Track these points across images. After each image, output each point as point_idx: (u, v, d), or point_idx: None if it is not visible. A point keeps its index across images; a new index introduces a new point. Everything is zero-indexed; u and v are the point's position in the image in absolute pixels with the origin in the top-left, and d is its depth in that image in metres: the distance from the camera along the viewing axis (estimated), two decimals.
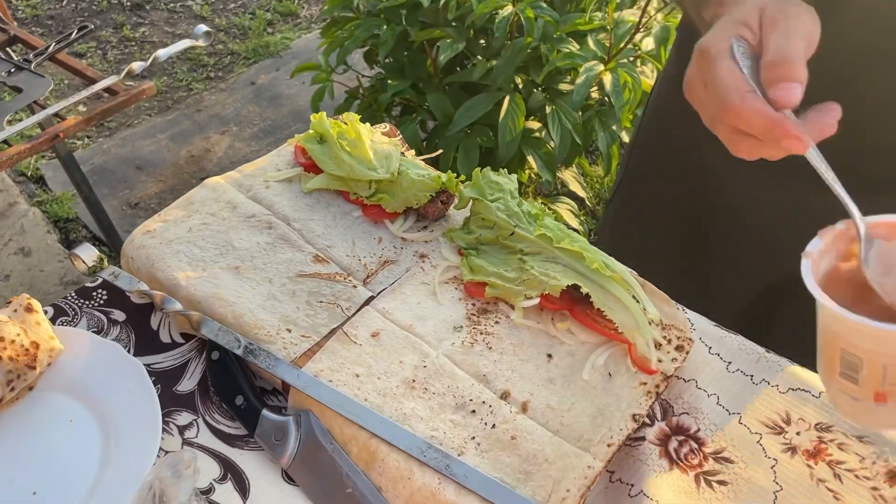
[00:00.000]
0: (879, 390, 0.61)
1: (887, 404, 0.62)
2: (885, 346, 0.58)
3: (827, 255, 0.65)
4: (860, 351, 0.60)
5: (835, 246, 0.65)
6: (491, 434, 0.76)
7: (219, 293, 0.88)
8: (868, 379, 0.61)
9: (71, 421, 0.83)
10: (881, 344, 0.59)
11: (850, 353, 0.61)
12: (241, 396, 0.83)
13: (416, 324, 0.86)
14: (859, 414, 0.66)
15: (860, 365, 0.61)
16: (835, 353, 0.63)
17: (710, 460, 0.81)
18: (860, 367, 0.61)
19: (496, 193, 0.96)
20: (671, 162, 1.11)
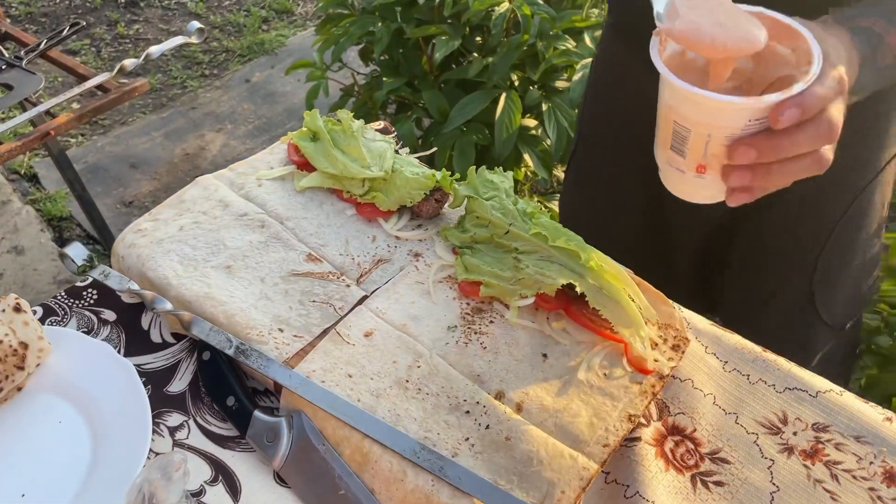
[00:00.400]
0: (701, 161, 0.67)
1: (706, 176, 0.68)
2: (709, 117, 0.64)
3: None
4: (689, 122, 0.65)
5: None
6: (485, 435, 0.75)
7: (210, 293, 0.87)
8: (692, 150, 0.67)
9: (60, 422, 0.82)
10: (706, 114, 0.64)
11: (681, 124, 0.66)
12: (233, 397, 0.82)
13: (410, 323, 0.86)
14: (683, 186, 0.72)
15: (687, 136, 0.66)
16: (668, 125, 0.68)
17: (707, 461, 0.80)
18: (687, 139, 0.66)
19: (491, 192, 0.95)
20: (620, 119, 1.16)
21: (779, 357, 0.89)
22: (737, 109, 0.63)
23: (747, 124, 0.63)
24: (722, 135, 0.65)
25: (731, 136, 0.64)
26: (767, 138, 0.63)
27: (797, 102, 0.61)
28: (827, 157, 0.65)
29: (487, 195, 0.95)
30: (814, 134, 0.63)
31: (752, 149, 0.63)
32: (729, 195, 0.69)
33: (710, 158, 0.67)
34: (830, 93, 0.63)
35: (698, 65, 0.72)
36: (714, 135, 0.65)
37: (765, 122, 0.63)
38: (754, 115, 0.63)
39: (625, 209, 1.23)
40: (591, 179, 1.30)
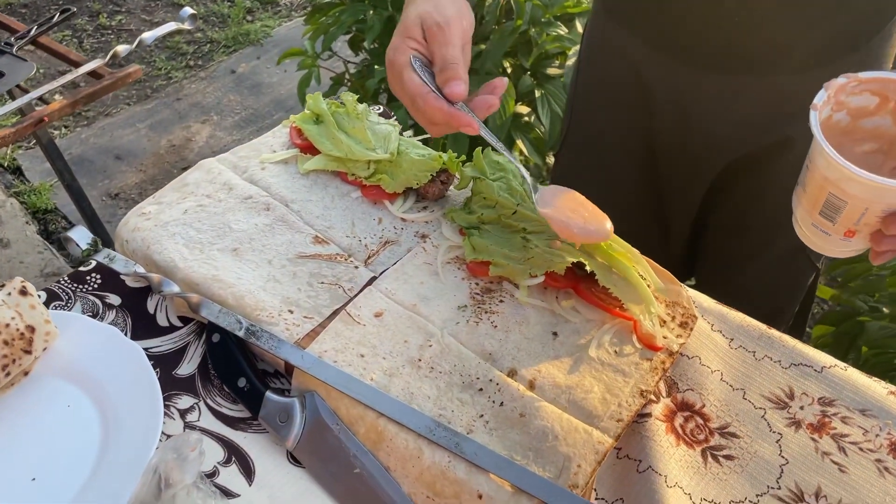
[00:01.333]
0: (851, 228, 0.71)
1: (853, 239, 0.72)
2: (872, 195, 0.67)
3: (827, 106, 0.74)
4: (846, 196, 0.69)
5: (835, 98, 0.74)
6: (499, 412, 0.76)
7: (218, 275, 0.87)
8: (844, 219, 0.71)
9: (69, 406, 0.81)
10: (868, 192, 0.67)
11: (837, 196, 0.69)
12: (244, 379, 0.82)
13: (420, 304, 0.86)
14: (822, 244, 0.76)
15: (842, 207, 0.70)
16: (822, 194, 0.71)
17: (717, 435, 0.81)
18: (841, 209, 0.70)
19: (498, 173, 0.95)
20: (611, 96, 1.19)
21: (784, 335, 0.90)
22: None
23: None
24: (879, 209, 0.68)
25: (887, 209, 0.68)
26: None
27: None
28: None
29: (494, 176, 0.95)
30: None
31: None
32: (875, 257, 0.73)
33: (861, 227, 0.70)
34: None
35: (840, 126, 0.77)
36: (871, 209, 0.68)
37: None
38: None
39: (619, 184, 1.25)
40: (583, 159, 1.32)
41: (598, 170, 1.28)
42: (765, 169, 1.11)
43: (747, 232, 1.20)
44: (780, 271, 1.22)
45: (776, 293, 1.26)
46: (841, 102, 0.75)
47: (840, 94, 0.74)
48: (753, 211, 1.17)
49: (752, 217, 1.18)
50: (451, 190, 1.00)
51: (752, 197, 1.16)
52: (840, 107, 0.76)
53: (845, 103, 0.75)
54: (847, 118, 0.77)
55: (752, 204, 1.16)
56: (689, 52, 1.04)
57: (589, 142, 1.30)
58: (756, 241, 1.20)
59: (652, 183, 1.23)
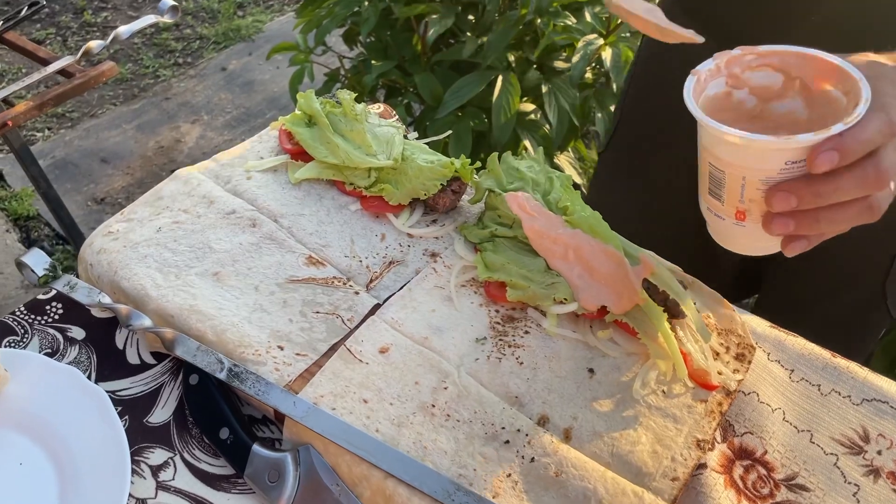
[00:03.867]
0: (739, 207, 0.63)
1: (746, 224, 0.64)
2: (742, 158, 0.60)
3: (717, 78, 0.66)
4: (723, 164, 0.62)
5: (727, 69, 0.66)
6: (530, 470, 0.64)
7: (196, 305, 0.74)
8: (728, 195, 0.63)
9: (21, 464, 0.69)
10: (738, 154, 0.60)
11: (715, 166, 0.63)
12: (227, 429, 0.69)
13: (432, 336, 0.73)
14: (725, 235, 0.68)
15: (723, 179, 0.62)
16: (705, 169, 0.65)
17: (783, 489, 0.69)
18: (723, 182, 0.63)
19: (516, 182, 0.83)
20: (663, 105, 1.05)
21: (851, 363, 0.78)
22: (769, 149, 0.59)
23: (784, 167, 0.59)
24: (757, 178, 0.60)
25: (767, 179, 0.60)
26: (807, 184, 0.58)
27: (835, 145, 0.56)
28: (879, 204, 0.60)
29: (511, 186, 0.83)
30: (859, 181, 0.58)
31: (791, 195, 0.59)
32: (784, 245, 0.63)
33: (748, 204, 0.62)
34: (875, 136, 0.57)
35: (747, 107, 0.68)
36: (749, 178, 0.61)
37: (804, 165, 0.59)
38: (790, 158, 0.59)
39: (666, 197, 1.13)
40: (630, 166, 1.21)
41: (644, 174, 1.17)
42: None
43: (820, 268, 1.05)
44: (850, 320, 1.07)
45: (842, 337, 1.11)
46: (737, 77, 0.67)
47: (733, 66, 0.66)
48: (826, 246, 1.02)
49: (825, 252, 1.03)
50: (464, 201, 0.87)
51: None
52: (738, 82, 0.67)
53: (744, 80, 0.67)
54: (753, 99, 0.68)
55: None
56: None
57: (637, 144, 1.19)
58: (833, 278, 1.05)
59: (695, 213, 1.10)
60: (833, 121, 0.58)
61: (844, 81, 0.62)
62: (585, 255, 0.74)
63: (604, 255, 0.73)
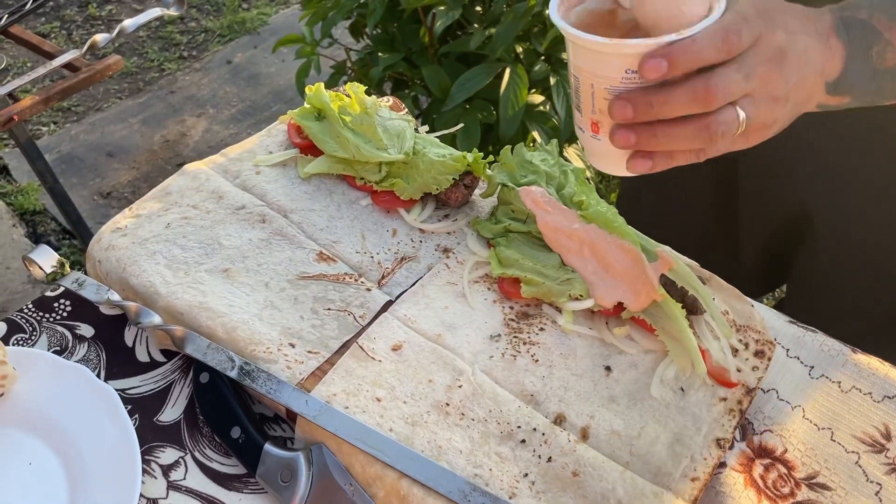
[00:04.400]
0: (592, 118, 0.62)
1: (601, 137, 0.62)
2: (588, 62, 0.59)
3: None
4: (576, 70, 0.60)
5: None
6: (547, 469, 0.62)
7: (206, 302, 0.73)
8: (584, 104, 0.62)
9: (30, 463, 0.68)
10: (585, 59, 0.59)
11: (573, 73, 0.61)
12: (238, 427, 0.69)
13: (446, 333, 0.72)
14: (589, 151, 0.66)
15: (578, 87, 0.61)
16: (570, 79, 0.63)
17: (804, 488, 0.68)
18: (579, 91, 0.61)
19: (530, 176, 0.81)
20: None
21: (871, 358, 0.77)
22: (607, 53, 0.58)
23: (625, 76, 0.58)
24: (603, 86, 0.59)
25: (611, 88, 0.59)
26: (643, 93, 0.58)
27: (664, 53, 0.55)
28: (716, 129, 0.58)
29: (525, 180, 0.81)
30: (689, 95, 0.56)
31: (627, 104, 0.58)
32: (629, 161, 0.62)
33: (599, 115, 0.61)
34: (706, 50, 0.55)
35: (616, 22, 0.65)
36: (596, 85, 0.60)
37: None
38: (630, 66, 0.57)
39: (692, 196, 1.11)
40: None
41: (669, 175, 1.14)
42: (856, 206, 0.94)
43: (841, 281, 1.01)
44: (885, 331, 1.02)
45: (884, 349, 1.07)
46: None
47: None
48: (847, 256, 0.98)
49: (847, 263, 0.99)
50: (476, 195, 0.86)
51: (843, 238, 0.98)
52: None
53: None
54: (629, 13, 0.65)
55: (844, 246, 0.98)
56: None
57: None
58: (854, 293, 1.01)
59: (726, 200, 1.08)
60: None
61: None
62: (601, 250, 0.73)
63: (620, 251, 0.72)
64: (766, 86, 0.58)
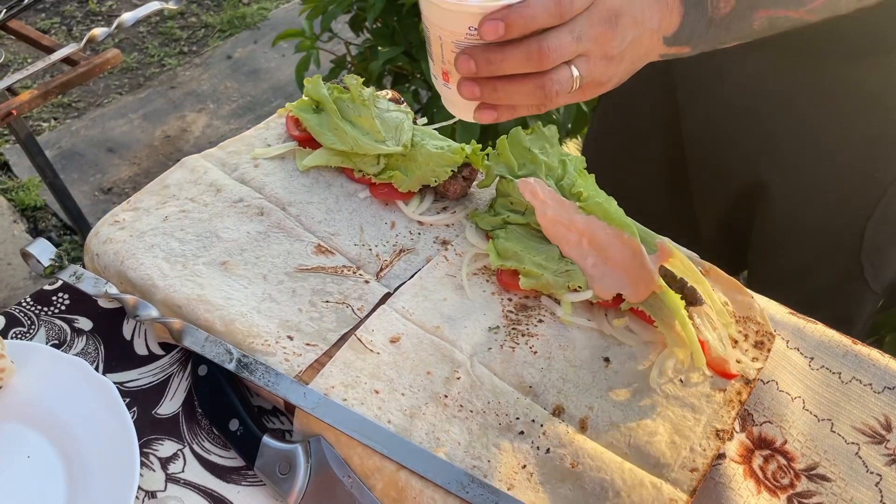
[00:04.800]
0: (443, 68, 0.65)
1: (451, 85, 0.65)
2: (435, 17, 0.62)
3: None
4: (427, 22, 0.63)
5: None
6: (546, 461, 0.62)
7: (204, 295, 0.73)
8: (434, 54, 0.65)
9: (29, 457, 0.68)
10: (431, 12, 0.62)
11: (425, 25, 0.64)
12: (237, 420, 0.68)
13: (444, 325, 0.72)
14: (444, 99, 0.69)
15: (430, 38, 0.64)
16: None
17: (804, 479, 0.68)
18: (431, 42, 0.64)
19: (528, 166, 0.81)
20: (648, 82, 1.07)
21: (872, 350, 0.76)
22: (450, 10, 0.60)
23: (469, 33, 0.61)
24: (450, 40, 0.62)
25: (458, 42, 0.62)
26: (483, 51, 0.61)
27: (502, 16, 0.58)
28: (551, 87, 0.61)
29: (522, 171, 0.81)
30: (524, 55, 0.60)
31: (470, 59, 0.61)
32: (476, 110, 0.66)
33: (448, 66, 0.64)
34: (540, 14, 0.59)
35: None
36: (444, 38, 0.63)
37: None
38: (473, 23, 0.60)
39: (646, 177, 1.15)
40: (613, 133, 1.22)
41: (626, 144, 1.19)
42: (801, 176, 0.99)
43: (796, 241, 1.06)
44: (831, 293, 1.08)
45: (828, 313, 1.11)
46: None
47: None
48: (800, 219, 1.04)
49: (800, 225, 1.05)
50: (474, 187, 0.86)
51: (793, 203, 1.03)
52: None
53: None
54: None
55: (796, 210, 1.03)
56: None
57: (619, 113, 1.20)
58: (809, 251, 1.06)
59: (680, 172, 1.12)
60: None
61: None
62: (600, 242, 0.72)
63: (619, 243, 0.71)
64: (600, 46, 0.61)
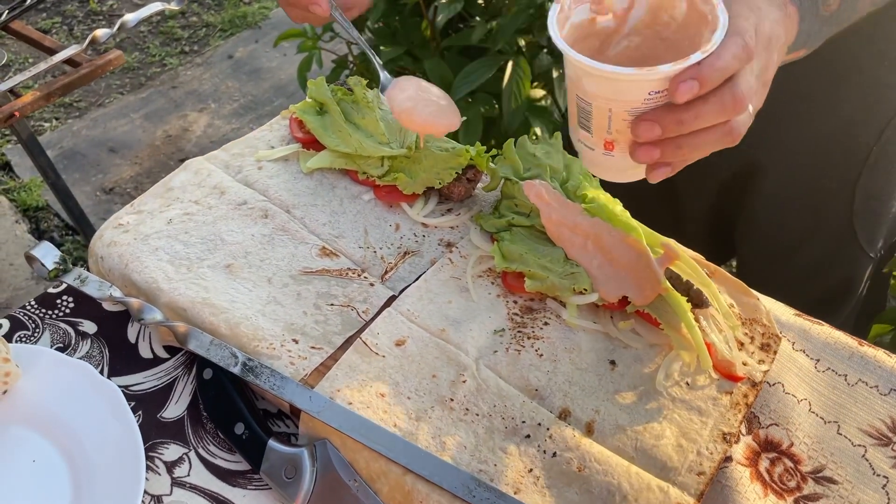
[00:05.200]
0: (607, 138, 0.63)
1: (614, 153, 0.64)
2: (607, 90, 0.60)
3: (581, 4, 0.66)
4: (590, 96, 0.61)
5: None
6: (552, 465, 0.62)
7: (208, 298, 0.73)
8: (596, 126, 0.63)
9: (34, 461, 0.68)
10: (604, 87, 0.60)
11: (583, 98, 0.62)
12: (242, 424, 0.68)
13: (449, 328, 0.72)
14: (596, 164, 0.68)
15: (590, 111, 0.62)
16: (573, 100, 0.64)
17: (810, 481, 0.68)
18: (591, 114, 0.63)
19: (534, 169, 0.81)
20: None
21: (878, 351, 0.76)
22: (631, 81, 0.58)
23: (648, 97, 0.59)
24: (623, 109, 0.60)
25: (632, 110, 0.60)
26: (670, 112, 0.59)
27: (694, 74, 0.56)
28: (738, 129, 0.61)
29: (528, 174, 0.81)
30: (718, 107, 0.58)
31: (655, 124, 0.59)
32: (648, 171, 0.64)
33: (615, 135, 0.63)
34: (733, 62, 0.57)
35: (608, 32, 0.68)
36: (615, 109, 0.61)
37: (666, 94, 0.59)
38: (653, 88, 0.58)
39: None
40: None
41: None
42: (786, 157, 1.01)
43: (787, 215, 1.09)
44: (828, 260, 1.11)
45: (826, 282, 1.14)
46: (600, 3, 0.66)
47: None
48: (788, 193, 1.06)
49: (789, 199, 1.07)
50: (479, 189, 0.86)
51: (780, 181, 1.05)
52: (601, 8, 0.67)
53: (607, 4, 0.67)
54: (613, 23, 0.68)
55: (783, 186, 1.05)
56: None
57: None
58: (802, 221, 1.09)
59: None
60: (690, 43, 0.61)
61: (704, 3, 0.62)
62: (605, 244, 0.72)
63: (625, 245, 0.71)
64: (764, 74, 0.61)
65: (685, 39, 0.65)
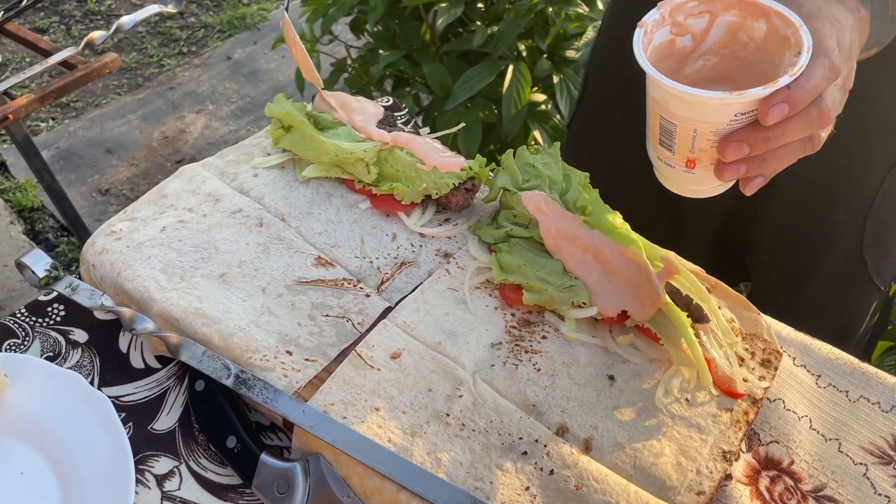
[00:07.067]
0: (689, 157, 0.65)
1: (695, 171, 0.66)
2: (694, 112, 0.61)
3: (662, 27, 0.67)
4: (674, 117, 0.63)
5: (671, 18, 0.67)
6: (549, 483, 0.61)
7: (201, 308, 0.72)
8: (679, 145, 0.65)
9: (22, 473, 0.67)
10: (690, 109, 0.61)
11: (667, 119, 0.64)
12: (234, 437, 0.67)
13: (446, 341, 0.71)
14: (674, 181, 0.70)
15: (674, 132, 0.64)
16: (656, 120, 0.65)
17: (811, 500, 0.67)
18: (674, 134, 0.64)
19: (533, 180, 0.80)
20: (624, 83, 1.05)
21: (879, 370, 0.75)
22: (721, 104, 0.60)
23: (734, 118, 0.61)
24: (708, 130, 0.62)
25: (717, 130, 0.62)
26: (757, 131, 0.60)
27: (785, 98, 0.58)
28: (818, 140, 0.63)
29: (527, 185, 0.79)
30: (805, 123, 0.60)
31: (743, 144, 0.61)
32: (743, 184, 0.66)
33: (698, 153, 0.64)
34: (820, 83, 0.59)
35: (687, 52, 0.70)
36: (700, 130, 0.62)
37: (752, 115, 0.60)
38: (740, 110, 0.60)
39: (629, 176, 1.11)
40: (593, 142, 1.20)
41: (606, 153, 1.16)
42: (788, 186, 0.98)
43: (797, 243, 1.06)
44: (837, 292, 1.08)
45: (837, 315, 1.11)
46: (681, 24, 0.68)
47: (677, 14, 0.67)
48: (798, 221, 1.03)
49: (799, 227, 1.05)
50: (477, 200, 0.85)
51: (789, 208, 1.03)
52: (681, 30, 0.68)
53: (687, 27, 0.68)
54: (690, 42, 0.69)
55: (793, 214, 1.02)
56: None
57: (600, 123, 1.18)
58: (812, 251, 1.06)
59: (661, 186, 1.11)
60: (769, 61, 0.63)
61: (790, 25, 0.62)
62: (605, 257, 0.71)
63: (625, 258, 0.70)
64: (845, 83, 0.62)
65: (764, 61, 0.66)
